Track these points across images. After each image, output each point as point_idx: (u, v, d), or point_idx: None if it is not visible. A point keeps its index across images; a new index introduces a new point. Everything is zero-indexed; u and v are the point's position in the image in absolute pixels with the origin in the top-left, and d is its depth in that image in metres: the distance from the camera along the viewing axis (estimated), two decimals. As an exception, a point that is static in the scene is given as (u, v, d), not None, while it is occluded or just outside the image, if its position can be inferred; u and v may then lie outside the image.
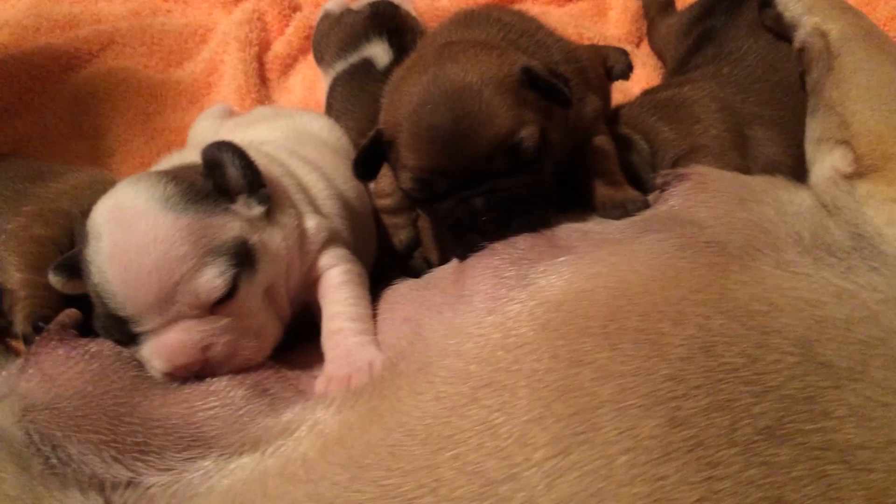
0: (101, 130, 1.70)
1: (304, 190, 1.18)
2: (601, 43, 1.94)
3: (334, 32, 1.75)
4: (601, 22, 2.04)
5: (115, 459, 0.89)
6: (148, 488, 0.88)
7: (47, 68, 1.78)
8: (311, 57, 1.88)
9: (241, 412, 0.93)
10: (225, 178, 1.02)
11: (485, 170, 1.04)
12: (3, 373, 1.04)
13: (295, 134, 1.40)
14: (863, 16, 1.34)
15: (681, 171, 1.18)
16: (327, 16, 1.84)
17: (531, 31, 1.26)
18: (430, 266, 1.23)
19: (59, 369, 0.99)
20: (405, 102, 1.07)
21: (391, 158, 1.12)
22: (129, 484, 0.88)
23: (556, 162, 1.13)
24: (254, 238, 1.01)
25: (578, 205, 1.20)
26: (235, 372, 0.98)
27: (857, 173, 1.06)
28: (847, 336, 0.85)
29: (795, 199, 1.10)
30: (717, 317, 0.85)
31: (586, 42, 1.91)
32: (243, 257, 0.98)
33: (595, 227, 1.09)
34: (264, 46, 1.92)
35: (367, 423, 0.87)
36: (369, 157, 1.12)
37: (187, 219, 0.94)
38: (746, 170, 1.36)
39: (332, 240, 1.15)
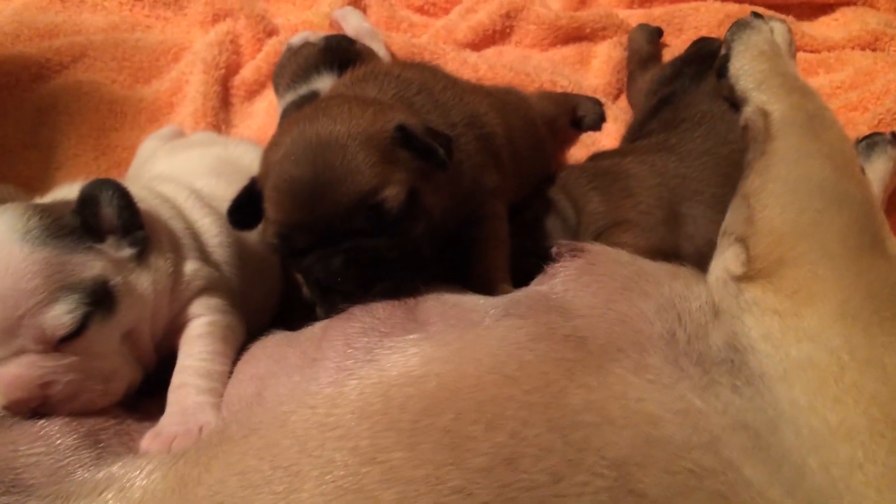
0: (54, 142, 1.71)
1: (195, 235, 1.16)
2: (579, 92, 1.88)
3: (290, 63, 1.74)
4: (582, 70, 1.98)
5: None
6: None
7: (16, 76, 1.80)
8: (277, 84, 1.86)
9: (62, 462, 0.90)
10: (97, 217, 1.01)
11: (345, 228, 1.00)
12: None
13: (222, 164, 1.38)
14: (813, 98, 1.26)
15: (578, 245, 1.12)
16: (290, 48, 1.82)
17: (434, 90, 1.22)
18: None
19: None
20: (273, 153, 1.04)
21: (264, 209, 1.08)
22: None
23: (437, 227, 1.09)
24: (117, 279, 0.99)
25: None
26: (76, 414, 0.95)
27: (748, 276, 0.98)
28: (675, 463, 0.78)
29: (691, 294, 1.03)
30: (538, 424, 0.80)
31: (559, 89, 1.86)
32: (100, 298, 0.97)
33: (463, 300, 1.03)
34: (233, 69, 1.91)
35: (169, 493, 0.84)
36: (245, 207, 1.08)
37: (44, 253, 0.93)
38: (676, 248, 1.30)
39: (208, 289, 1.12)
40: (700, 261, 1.19)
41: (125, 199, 1.02)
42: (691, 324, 0.98)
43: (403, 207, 1.00)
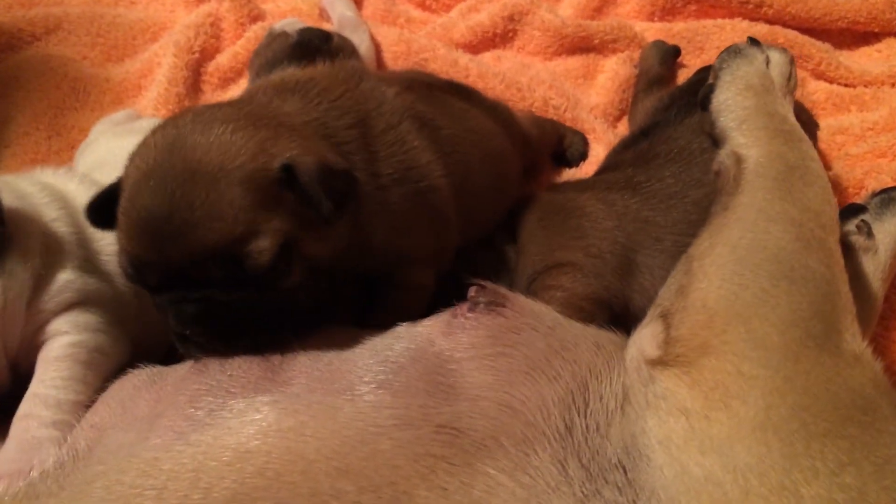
0: (9, 117, 1.62)
1: (84, 241, 1.05)
2: (575, 111, 1.73)
3: (263, 53, 1.62)
4: (585, 85, 1.81)
5: None
6: None
7: (-15, 45, 1.74)
8: (254, 74, 1.75)
9: None
10: None
11: (200, 276, 0.85)
12: None
13: None
14: (800, 146, 1.08)
15: (500, 294, 0.97)
16: (270, 33, 1.71)
17: (371, 128, 1.03)
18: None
19: None
20: (135, 165, 0.88)
21: None
22: None
23: (327, 274, 0.94)
24: None
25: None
26: None
27: (663, 361, 0.82)
28: None
29: (609, 373, 0.88)
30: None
31: (551, 111, 1.70)
32: None
33: (341, 358, 0.90)
34: (210, 55, 1.79)
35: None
36: (107, 206, 0.91)
37: None
38: (624, 300, 1.15)
39: (81, 303, 1.00)
40: None
41: None
42: (596, 413, 0.83)
43: (272, 261, 0.84)
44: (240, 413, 0.81)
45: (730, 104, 1.15)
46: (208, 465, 0.74)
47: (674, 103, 1.42)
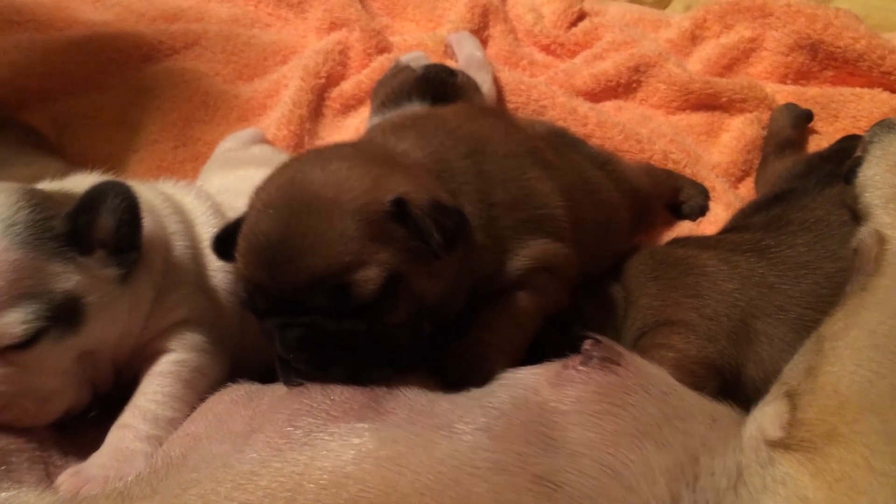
0: (141, 125, 1.70)
1: (197, 256, 1.07)
2: (696, 167, 1.67)
3: (387, 84, 1.64)
4: (707, 143, 1.76)
5: None
6: None
7: (127, 54, 1.82)
8: (375, 103, 1.77)
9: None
10: (91, 227, 0.92)
11: (307, 303, 0.86)
12: None
13: None
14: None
15: (615, 351, 0.93)
16: (397, 66, 1.73)
17: (487, 157, 1.03)
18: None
19: None
20: (259, 196, 0.93)
21: None
22: None
23: (433, 311, 0.93)
24: (91, 298, 0.91)
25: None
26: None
27: (785, 444, 0.76)
28: None
29: (723, 450, 0.82)
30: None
31: (670, 165, 1.65)
32: (65, 314, 0.88)
33: (440, 398, 0.88)
34: (335, 81, 1.84)
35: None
36: (231, 237, 0.94)
37: (19, 254, 0.86)
38: (738, 368, 1.09)
39: (190, 321, 1.02)
40: (765, 393, 0.99)
41: (131, 213, 0.93)
42: (706, 489, 0.78)
43: (378, 293, 0.85)
44: (339, 437, 0.79)
45: (877, 180, 1.08)
46: (305, 486, 0.72)
47: (812, 171, 1.36)
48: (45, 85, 1.76)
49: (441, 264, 0.90)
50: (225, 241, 0.96)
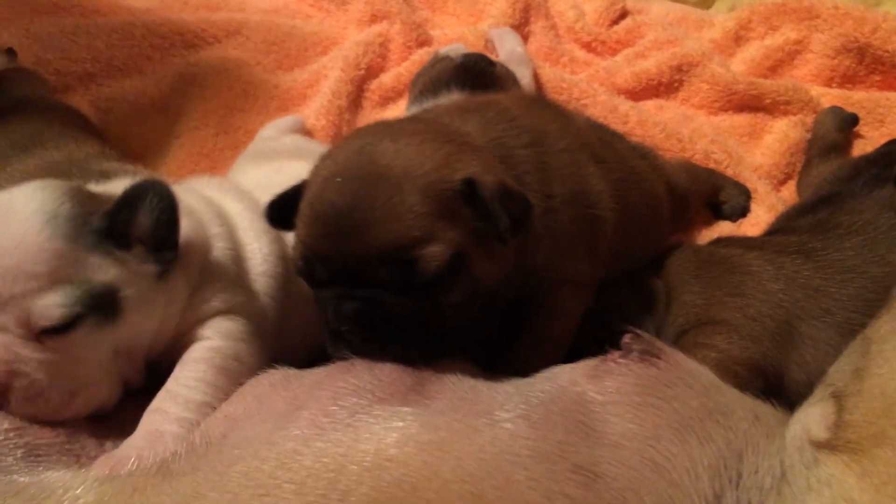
0: (183, 111, 1.71)
1: (238, 259, 1.07)
2: (738, 168, 1.65)
3: (426, 74, 1.64)
4: (749, 144, 1.73)
5: None
6: None
7: (171, 41, 1.83)
8: (414, 95, 1.77)
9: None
10: (130, 224, 0.93)
11: (369, 275, 0.85)
12: None
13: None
14: None
15: (655, 346, 0.92)
16: (436, 57, 1.73)
17: (548, 149, 1.02)
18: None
19: None
20: (325, 165, 0.92)
21: None
22: None
23: (486, 297, 0.92)
24: (129, 292, 0.92)
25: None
26: (31, 420, 0.88)
27: (831, 445, 0.74)
28: None
29: (767, 448, 0.81)
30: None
31: (712, 164, 1.63)
32: (103, 305, 0.90)
33: (481, 385, 0.87)
34: (375, 73, 1.84)
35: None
36: (287, 206, 0.94)
37: (60, 244, 0.88)
38: (780, 370, 1.07)
39: (228, 311, 1.02)
40: (808, 395, 0.97)
41: (168, 213, 0.94)
42: (749, 488, 0.77)
43: (442, 271, 0.84)
44: (383, 419, 0.78)
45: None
46: (348, 467, 0.72)
47: (859, 174, 1.33)
48: (90, 69, 1.78)
49: (501, 249, 0.90)
50: (280, 209, 0.96)
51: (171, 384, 0.94)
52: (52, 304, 0.85)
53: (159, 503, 0.73)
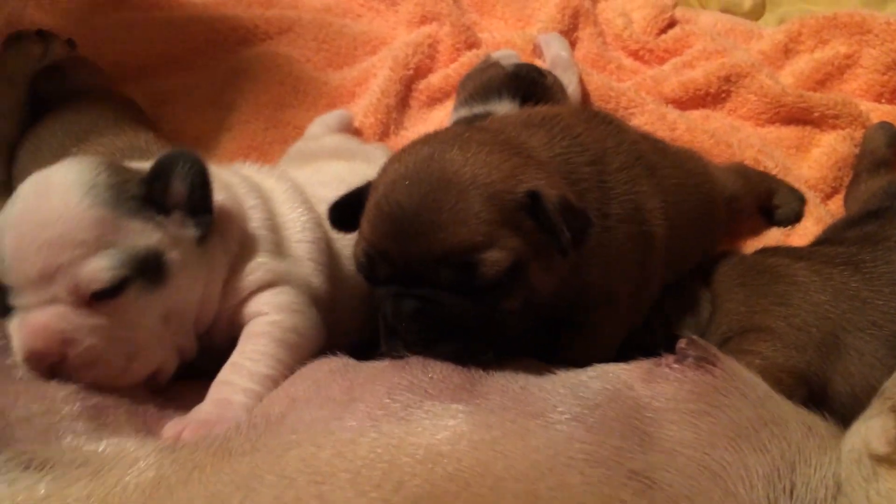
0: (234, 105, 1.74)
1: (276, 227, 1.10)
2: (786, 179, 1.64)
3: (475, 78, 1.65)
4: (797, 157, 1.73)
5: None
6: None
7: (224, 36, 1.87)
8: (461, 97, 1.79)
9: (57, 427, 0.86)
10: (166, 191, 0.98)
11: (430, 275, 0.88)
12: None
13: (349, 174, 1.29)
14: None
15: (711, 353, 0.92)
16: (487, 61, 1.74)
17: (607, 167, 1.06)
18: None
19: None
20: (393, 168, 0.95)
21: None
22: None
23: (539, 308, 0.95)
24: (172, 255, 0.96)
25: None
26: (92, 387, 0.91)
27: (891, 460, 0.75)
28: None
29: (819, 460, 0.81)
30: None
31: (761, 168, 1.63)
32: (148, 268, 0.94)
33: (532, 384, 0.88)
34: (423, 73, 1.85)
35: (139, 492, 0.77)
36: (349, 208, 0.99)
37: (101, 211, 0.92)
38: (824, 382, 1.08)
39: (276, 283, 1.05)
40: (851, 408, 0.98)
41: (200, 178, 0.99)
42: (803, 498, 0.77)
43: (501, 276, 0.87)
44: (435, 415, 0.81)
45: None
46: (401, 459, 0.74)
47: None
48: (145, 62, 1.82)
49: (558, 263, 0.92)
50: (341, 210, 1.00)
51: (237, 357, 0.98)
52: (100, 268, 0.90)
53: (218, 482, 0.76)
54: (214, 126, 1.72)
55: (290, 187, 1.16)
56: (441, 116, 1.79)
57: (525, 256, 0.89)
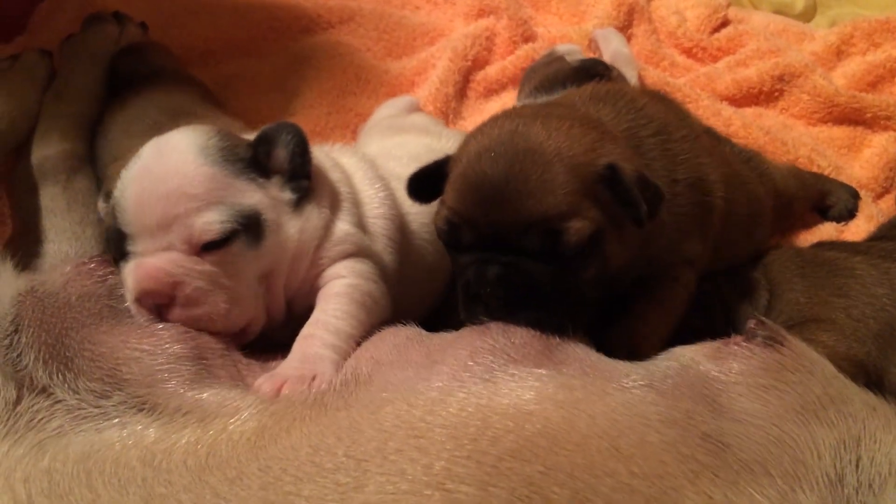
0: (298, 91, 1.80)
1: (357, 202, 1.16)
2: (837, 177, 1.67)
3: (541, 71, 1.69)
4: (848, 156, 1.75)
5: (44, 363, 0.91)
6: (56, 402, 0.89)
7: (288, 24, 1.92)
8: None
9: (163, 367, 0.91)
10: (269, 156, 1.06)
11: (516, 242, 0.93)
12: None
13: (426, 152, 1.35)
14: None
15: (779, 334, 0.96)
16: (551, 54, 1.78)
17: (672, 137, 1.10)
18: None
19: (71, 275, 1.05)
20: (476, 140, 1.00)
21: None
22: (43, 390, 0.90)
23: (610, 277, 0.99)
24: (270, 215, 1.03)
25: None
26: (192, 327, 0.98)
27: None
28: None
29: (884, 438, 0.84)
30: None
31: (815, 170, 1.66)
32: (251, 224, 1.01)
33: (604, 357, 0.92)
34: (480, 65, 1.90)
35: (243, 441, 0.82)
36: (428, 179, 1.04)
37: (212, 169, 1.00)
38: (880, 373, 1.11)
39: (357, 254, 1.10)
40: None
41: (301, 147, 1.07)
42: (868, 473, 0.80)
43: (583, 244, 0.92)
44: (519, 378, 0.84)
45: None
46: (492, 417, 0.77)
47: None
48: (210, 47, 1.88)
49: (631, 234, 0.97)
50: (421, 182, 1.05)
51: (320, 314, 1.04)
52: (212, 221, 0.98)
53: (319, 434, 0.80)
54: (278, 110, 1.77)
55: (367, 164, 1.22)
56: (497, 107, 1.82)
57: (603, 226, 0.93)
